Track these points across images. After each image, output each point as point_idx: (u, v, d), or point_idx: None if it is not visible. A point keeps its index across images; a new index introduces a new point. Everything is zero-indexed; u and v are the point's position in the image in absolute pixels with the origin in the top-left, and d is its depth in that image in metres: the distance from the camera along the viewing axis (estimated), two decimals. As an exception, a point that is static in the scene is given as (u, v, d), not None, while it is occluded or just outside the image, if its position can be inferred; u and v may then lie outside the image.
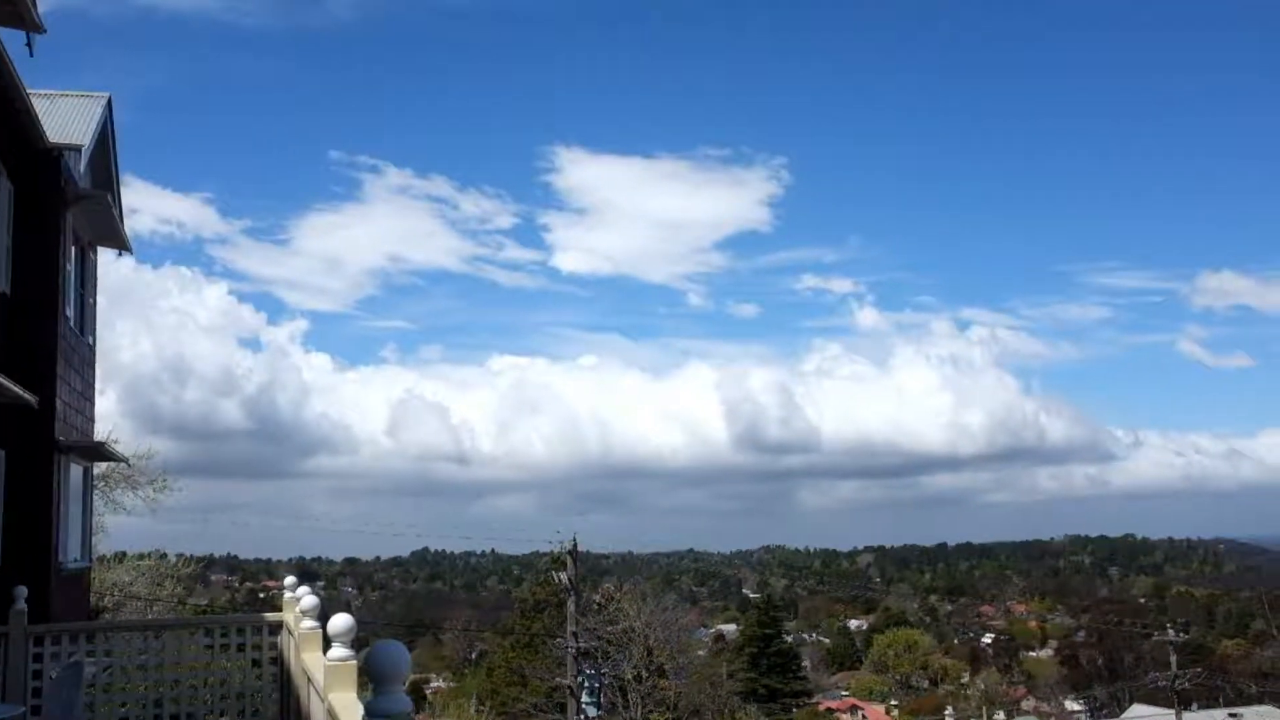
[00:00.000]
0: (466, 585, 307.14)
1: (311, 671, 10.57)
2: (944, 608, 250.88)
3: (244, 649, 15.46)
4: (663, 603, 63.54)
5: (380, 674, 5.14)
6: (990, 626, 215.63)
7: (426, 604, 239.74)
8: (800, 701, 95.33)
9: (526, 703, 54.16)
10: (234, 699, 15.28)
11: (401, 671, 5.25)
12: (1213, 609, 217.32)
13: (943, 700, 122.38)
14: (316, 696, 9.48)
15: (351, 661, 7.90)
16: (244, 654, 15.48)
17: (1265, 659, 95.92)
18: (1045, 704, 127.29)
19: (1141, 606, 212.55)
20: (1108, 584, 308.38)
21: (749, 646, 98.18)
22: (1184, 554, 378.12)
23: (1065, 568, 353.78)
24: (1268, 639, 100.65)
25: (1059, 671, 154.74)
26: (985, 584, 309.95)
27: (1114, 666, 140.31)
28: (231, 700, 15.28)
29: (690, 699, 58.26)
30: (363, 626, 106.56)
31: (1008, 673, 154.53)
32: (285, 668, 14.91)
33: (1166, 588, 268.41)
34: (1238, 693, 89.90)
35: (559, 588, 44.68)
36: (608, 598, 57.97)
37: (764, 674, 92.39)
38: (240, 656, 15.50)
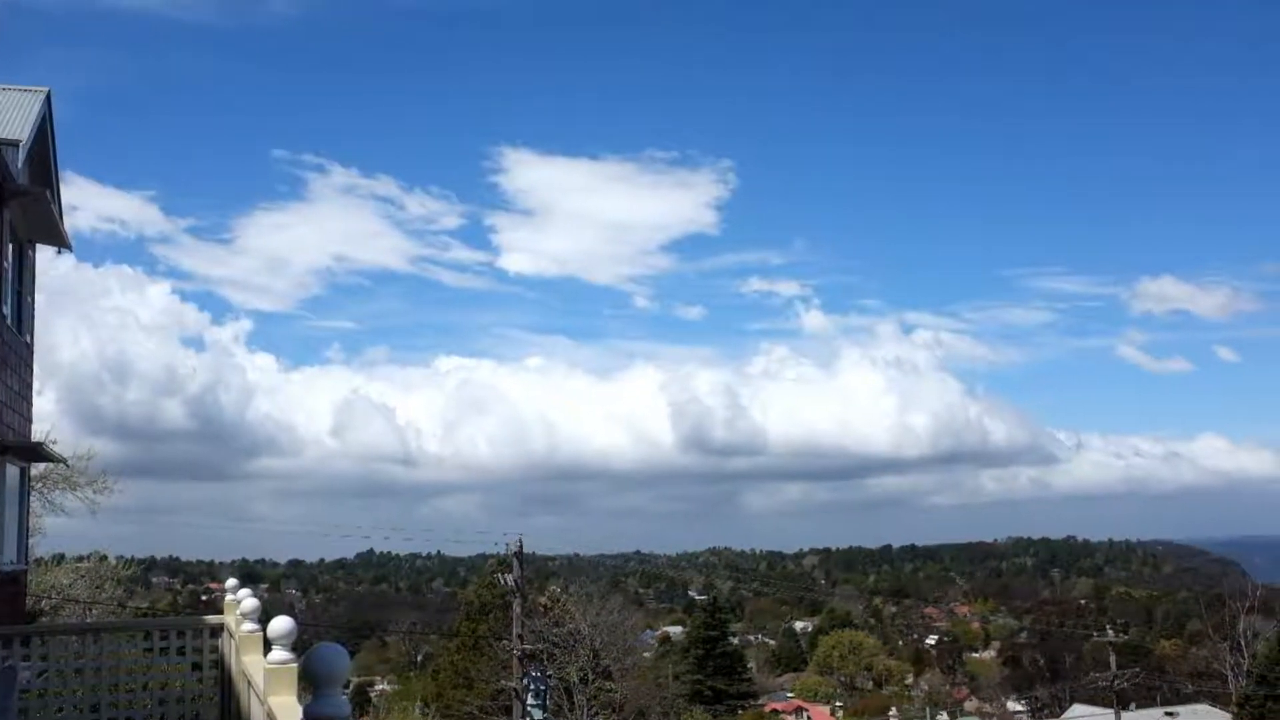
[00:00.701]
0: (412, 587, 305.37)
1: (252, 674, 10.46)
2: (888, 609, 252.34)
3: (184, 652, 15.26)
4: (608, 605, 63.45)
5: (318, 677, 5.07)
6: (934, 628, 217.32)
7: (371, 606, 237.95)
8: (746, 703, 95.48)
9: (472, 705, 53.88)
10: (174, 703, 15.08)
11: (340, 674, 5.18)
12: (1152, 610, 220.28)
13: (887, 701, 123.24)
14: (256, 700, 9.38)
15: (292, 664, 7.83)
16: (184, 657, 15.28)
17: (1201, 658, 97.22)
18: (988, 704, 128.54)
19: (1082, 607, 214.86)
20: (1049, 585, 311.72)
21: (695, 648, 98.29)
22: (1124, 556, 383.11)
23: (1008, 569, 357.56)
24: (1204, 639, 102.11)
25: (1001, 672, 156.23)
26: (929, 586, 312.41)
27: (1055, 667, 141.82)
28: (171, 704, 15.07)
29: (636, 701, 58.25)
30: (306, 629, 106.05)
31: (951, 674, 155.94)
32: (226, 671, 14.75)
33: (1107, 589, 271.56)
34: (1174, 692, 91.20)
35: (505, 590, 44.56)
36: (553, 600, 57.83)
37: (710, 676, 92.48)
38: (181, 660, 15.30)
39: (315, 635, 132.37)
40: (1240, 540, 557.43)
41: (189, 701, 15.14)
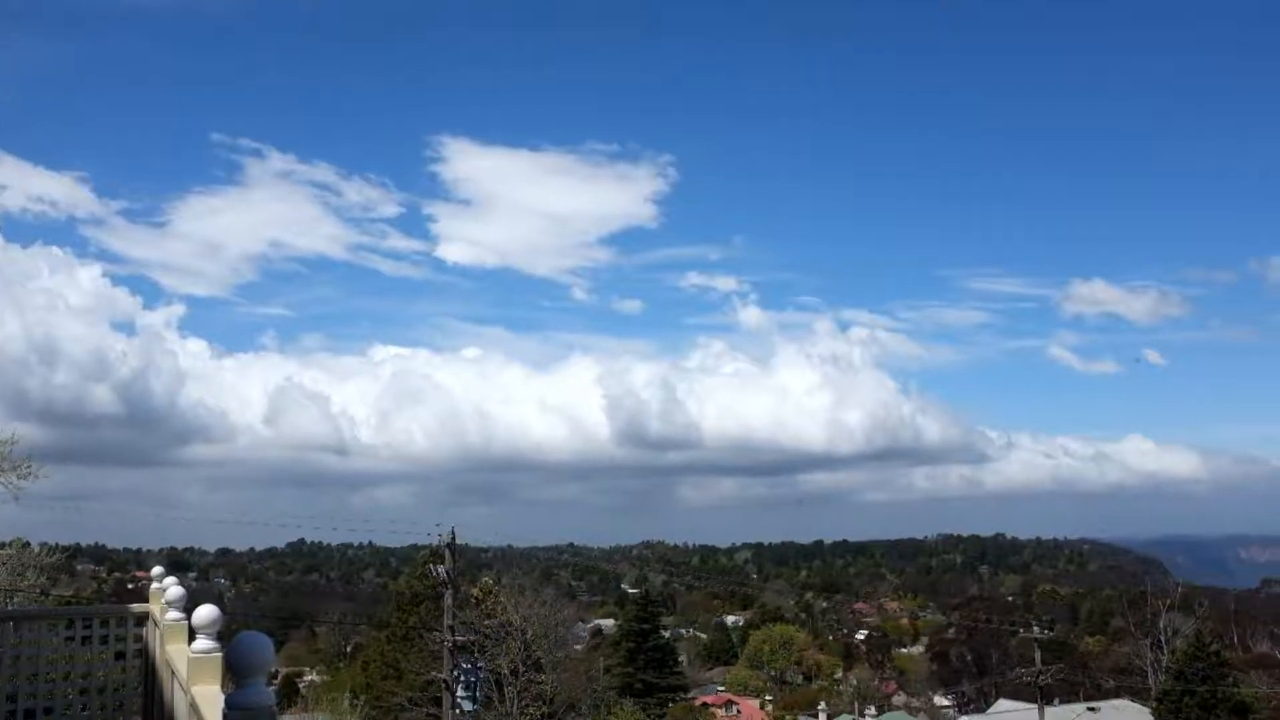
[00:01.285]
0: (344, 578, 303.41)
1: (175, 664, 10.33)
2: (819, 604, 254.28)
3: (108, 641, 15.02)
4: (541, 597, 63.50)
5: (241, 666, 5.03)
6: (864, 623, 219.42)
7: (302, 596, 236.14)
8: (676, 696, 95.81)
9: (402, 697, 53.64)
10: (96, 693, 14.83)
11: (263, 664, 5.13)
12: (1077, 607, 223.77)
13: (816, 695, 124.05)
14: (180, 689, 9.27)
15: (216, 654, 7.75)
16: (108, 646, 15.04)
17: (1123, 655, 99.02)
18: (916, 699, 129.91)
19: (1009, 604, 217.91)
20: (978, 582, 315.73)
21: (626, 641, 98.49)
22: (1051, 553, 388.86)
23: (937, 566, 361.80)
24: (1126, 636, 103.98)
25: (929, 667, 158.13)
26: (860, 581, 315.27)
27: (982, 663, 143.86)
28: (94, 695, 14.83)
29: (567, 693, 58.27)
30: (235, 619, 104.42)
31: (880, 669, 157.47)
32: (150, 661, 14.54)
33: (1034, 586, 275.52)
34: (1096, 687, 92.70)
35: (437, 581, 44.30)
36: (486, 592, 57.67)
37: (640, 669, 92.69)
38: (104, 649, 15.05)
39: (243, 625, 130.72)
40: (1163, 539, 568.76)
41: (111, 692, 14.91)
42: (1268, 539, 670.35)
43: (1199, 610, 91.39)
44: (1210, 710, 59.76)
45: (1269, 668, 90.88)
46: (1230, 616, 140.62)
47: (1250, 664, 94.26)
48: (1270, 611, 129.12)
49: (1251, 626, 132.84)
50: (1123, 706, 79.26)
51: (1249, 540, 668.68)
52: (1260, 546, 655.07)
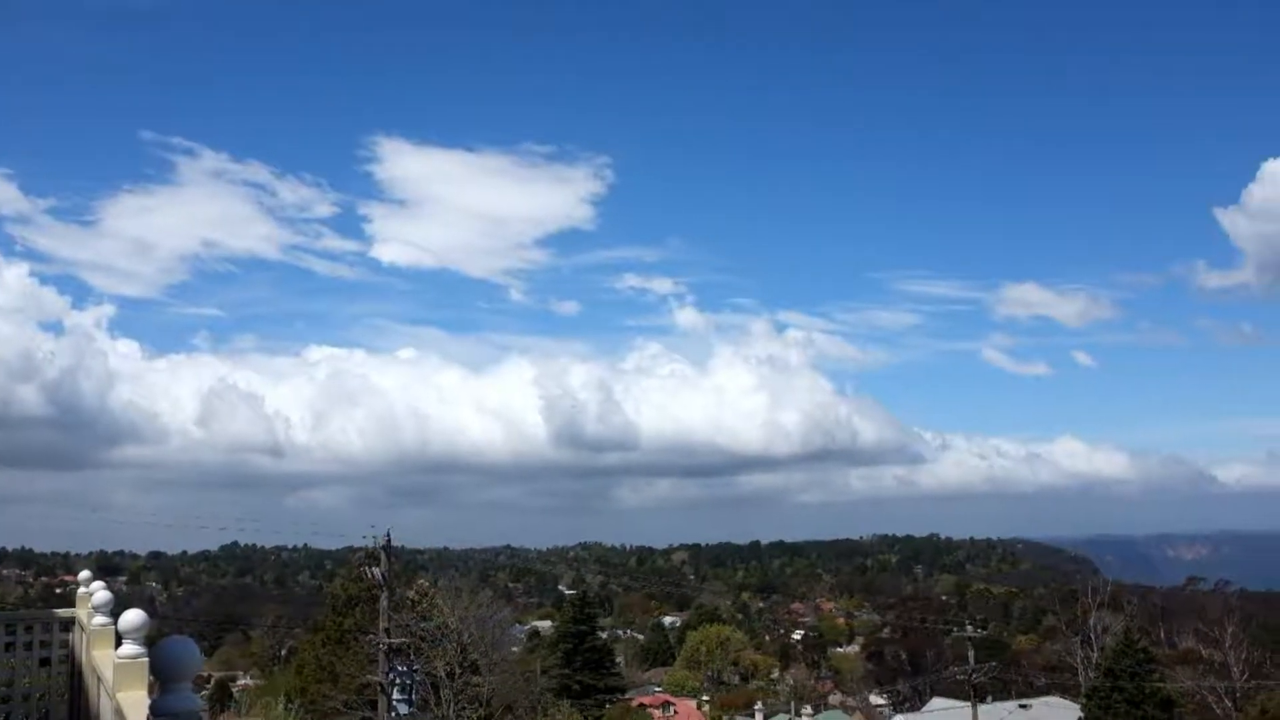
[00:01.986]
0: (278, 580, 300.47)
1: (102, 669, 10.17)
2: (756, 605, 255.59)
3: (33, 647, 14.74)
4: (477, 599, 63.17)
5: (167, 671, 4.96)
6: (800, 623, 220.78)
7: (236, 600, 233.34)
8: (613, 697, 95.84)
9: (337, 700, 53.13)
10: (21, 700, 14.56)
11: (190, 669, 5.07)
12: (1009, 606, 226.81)
13: (753, 695, 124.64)
14: (106, 695, 9.12)
15: (143, 659, 7.63)
16: (33, 653, 14.76)
17: (1054, 652, 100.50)
18: (851, 699, 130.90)
19: (944, 604, 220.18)
20: (913, 582, 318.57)
21: (563, 643, 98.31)
22: (984, 553, 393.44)
23: (873, 566, 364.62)
24: (1057, 634, 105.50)
25: (865, 667, 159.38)
26: (796, 581, 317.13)
27: (916, 662, 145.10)
28: (18, 701, 14.54)
29: (503, 695, 58.03)
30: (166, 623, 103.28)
31: (816, 668, 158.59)
32: (77, 666, 14.30)
33: (968, 586, 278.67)
34: (1029, 685, 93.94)
35: (372, 583, 43.99)
36: (421, 594, 57.27)
37: (578, 670, 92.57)
38: (29, 655, 14.77)
39: (175, 629, 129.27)
40: (1093, 539, 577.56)
41: (37, 699, 14.64)
42: (1193, 537, 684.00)
43: (1127, 608, 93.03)
44: (1137, 705, 60.72)
45: (1193, 663, 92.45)
46: (1157, 614, 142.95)
47: (1176, 660, 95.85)
48: (1195, 608, 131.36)
49: (1177, 623, 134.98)
50: (1054, 703, 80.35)
51: (1175, 539, 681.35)
52: (1186, 545, 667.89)
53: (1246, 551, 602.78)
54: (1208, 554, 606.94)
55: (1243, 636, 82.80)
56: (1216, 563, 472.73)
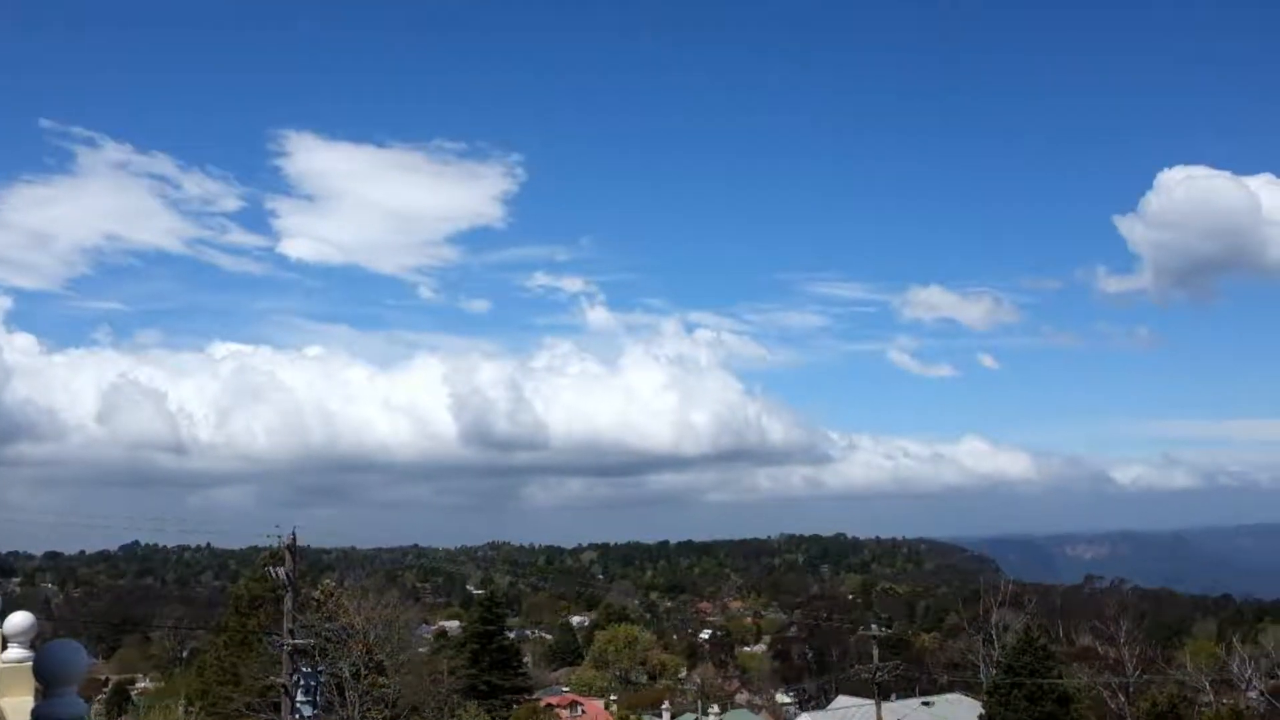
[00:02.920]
0: (180, 581, 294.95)
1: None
2: (664, 604, 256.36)
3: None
4: (384, 599, 62.65)
5: (49, 676, 4.79)
6: (708, 622, 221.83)
7: (136, 601, 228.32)
8: (521, 698, 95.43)
9: (239, 702, 52.32)
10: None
11: (74, 673, 4.91)
12: (913, 604, 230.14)
13: (661, 695, 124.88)
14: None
15: (27, 663, 7.39)
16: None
17: (957, 650, 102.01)
18: (758, 697, 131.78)
19: (850, 602, 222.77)
20: (819, 581, 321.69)
21: (471, 643, 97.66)
22: (890, 552, 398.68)
23: (780, 565, 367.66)
24: (960, 632, 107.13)
25: (771, 665, 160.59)
26: (704, 581, 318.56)
27: (822, 660, 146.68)
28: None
29: (410, 696, 57.58)
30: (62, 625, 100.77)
31: (723, 667, 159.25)
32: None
33: (873, 584, 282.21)
34: (932, 682, 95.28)
35: (277, 583, 43.31)
36: (327, 594, 56.61)
37: (485, 670, 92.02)
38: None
39: (70, 631, 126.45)
40: (996, 538, 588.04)
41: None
42: (1092, 537, 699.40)
43: (1028, 606, 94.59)
44: (1036, 702, 61.92)
45: (1090, 660, 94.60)
46: (1057, 612, 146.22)
47: (1074, 657, 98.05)
48: (1093, 606, 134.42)
49: (1075, 621, 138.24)
50: (956, 700, 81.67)
51: (1075, 538, 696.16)
52: (1085, 544, 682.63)
53: (1141, 551, 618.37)
54: (1105, 553, 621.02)
55: (1136, 633, 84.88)
56: (1113, 562, 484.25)
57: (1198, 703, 73.39)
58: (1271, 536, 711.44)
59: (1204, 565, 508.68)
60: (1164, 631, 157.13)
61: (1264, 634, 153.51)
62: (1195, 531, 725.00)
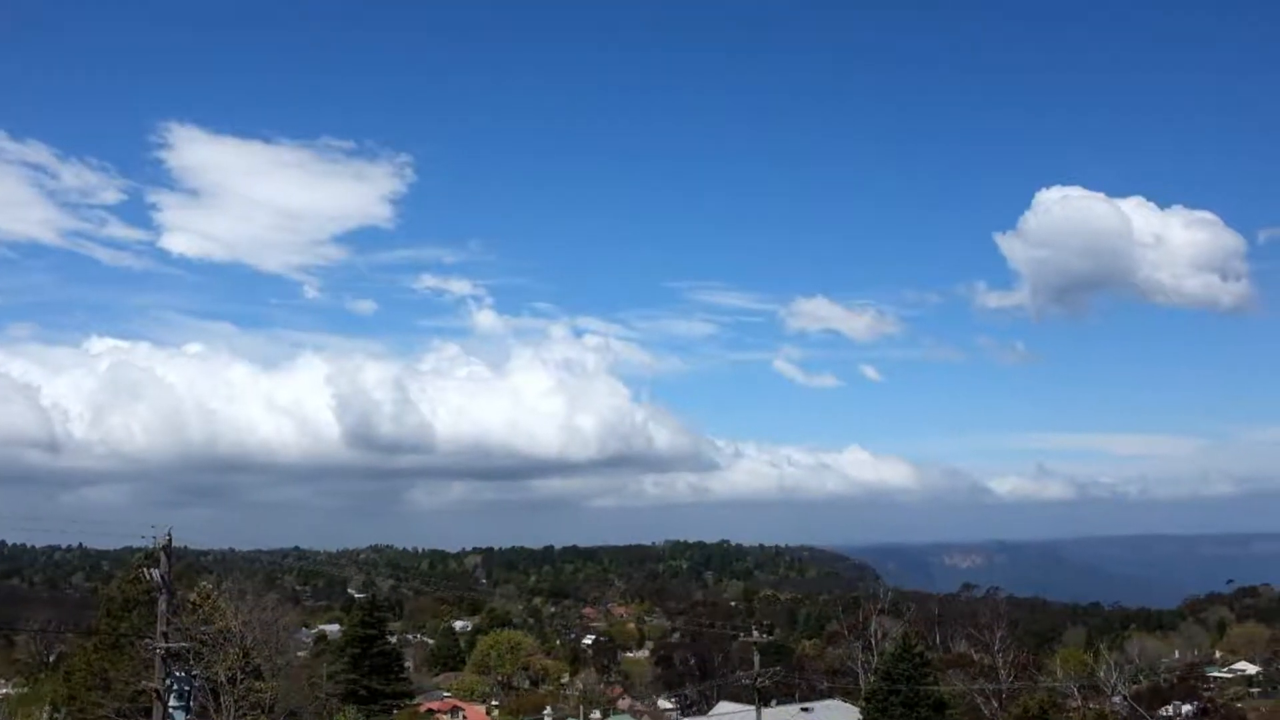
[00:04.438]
0: (48, 582, 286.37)
1: None
2: (548, 609, 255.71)
3: None
4: (263, 602, 61.63)
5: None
6: (592, 628, 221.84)
7: (1, 602, 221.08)
8: (401, 703, 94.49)
9: (109, 708, 51.02)
10: None
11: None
12: (795, 611, 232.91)
13: (543, 700, 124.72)
14: None
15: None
16: None
17: (836, 657, 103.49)
18: (640, 702, 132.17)
19: (732, 609, 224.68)
20: (703, 587, 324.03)
21: (351, 647, 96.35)
22: (773, 560, 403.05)
23: (665, 571, 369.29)
24: (840, 638, 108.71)
25: (654, 671, 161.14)
26: (589, 587, 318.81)
27: (704, 666, 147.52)
28: None
29: (288, 701, 56.68)
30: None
31: (606, 673, 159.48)
32: None
33: (756, 591, 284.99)
34: (812, 688, 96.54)
35: (151, 585, 42.26)
36: (204, 596, 55.51)
37: (365, 675, 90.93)
38: None
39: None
40: (876, 547, 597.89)
41: None
42: (969, 546, 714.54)
43: (906, 614, 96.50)
44: (913, 708, 63.05)
45: (965, 667, 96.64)
46: (934, 619, 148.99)
47: (949, 664, 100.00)
48: (968, 615, 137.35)
49: (952, 629, 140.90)
50: (834, 706, 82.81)
51: (952, 548, 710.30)
52: (962, 553, 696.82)
53: (1017, 560, 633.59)
54: (981, 562, 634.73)
55: (1010, 640, 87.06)
56: (989, 571, 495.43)
57: (1066, 708, 75.56)
58: (1139, 547, 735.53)
59: (1075, 574, 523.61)
60: (1036, 639, 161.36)
61: (1129, 641, 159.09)
62: (1068, 541, 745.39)
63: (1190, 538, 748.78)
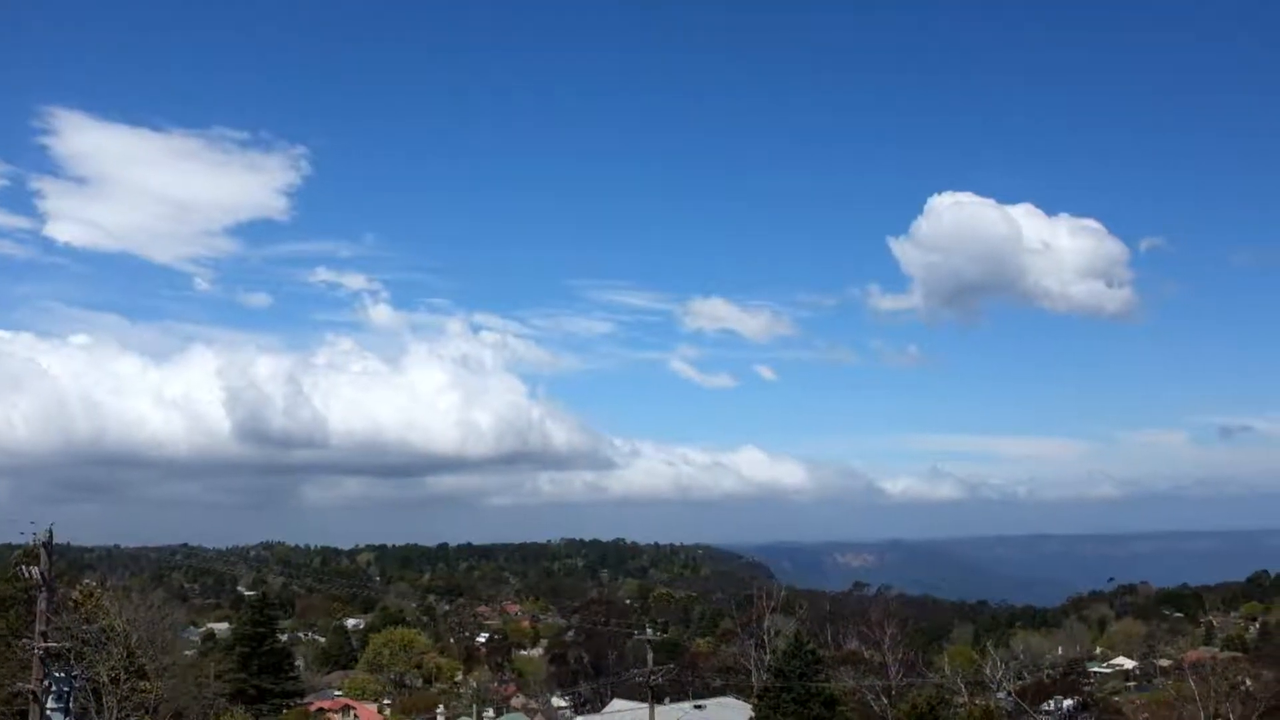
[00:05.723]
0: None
1: None
2: (442, 607, 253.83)
3: None
4: (149, 600, 60.41)
5: None
6: (486, 626, 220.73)
7: None
8: (291, 702, 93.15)
9: (-18, 710, 49.53)
10: None
11: None
12: (689, 609, 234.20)
13: (436, 699, 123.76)
14: None
15: None
16: None
17: (730, 654, 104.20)
18: (534, 701, 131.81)
19: (627, 607, 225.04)
20: (598, 586, 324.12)
21: (240, 646, 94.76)
22: (668, 558, 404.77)
23: (560, 569, 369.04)
24: (734, 636, 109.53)
25: (548, 669, 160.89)
26: (484, 584, 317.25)
27: (599, 664, 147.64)
28: None
29: (173, 701, 55.58)
30: None
31: (500, 671, 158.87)
32: None
33: (651, 589, 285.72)
34: (705, 686, 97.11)
35: (30, 583, 41.06)
36: (87, 594, 54.20)
37: (255, 674, 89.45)
38: None
39: None
40: (771, 545, 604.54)
41: None
42: (860, 546, 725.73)
43: (799, 612, 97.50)
44: (805, 704, 63.68)
45: (856, 664, 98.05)
46: (826, 617, 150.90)
47: (840, 660, 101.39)
48: (860, 612, 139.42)
49: (843, 626, 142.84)
50: (727, 703, 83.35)
51: (844, 547, 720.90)
52: (854, 552, 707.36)
53: (908, 559, 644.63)
54: (874, 561, 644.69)
55: (900, 638, 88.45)
56: (881, 569, 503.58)
57: (954, 704, 76.98)
58: (1026, 547, 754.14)
59: (965, 573, 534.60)
60: (925, 637, 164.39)
61: (1014, 638, 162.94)
62: (958, 541, 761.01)
63: (1074, 537, 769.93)
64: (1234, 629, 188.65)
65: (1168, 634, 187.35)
